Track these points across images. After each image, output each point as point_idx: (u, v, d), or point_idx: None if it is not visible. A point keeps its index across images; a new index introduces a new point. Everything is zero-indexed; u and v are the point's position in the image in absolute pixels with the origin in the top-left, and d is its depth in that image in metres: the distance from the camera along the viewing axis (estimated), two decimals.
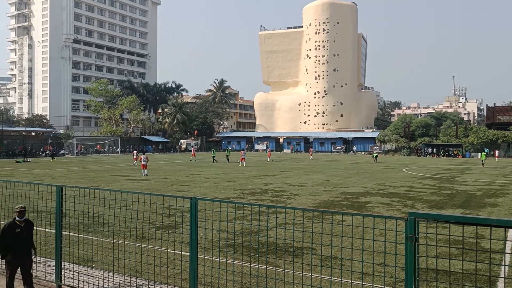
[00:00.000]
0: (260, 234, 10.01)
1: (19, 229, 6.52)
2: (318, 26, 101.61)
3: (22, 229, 6.54)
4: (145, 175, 28.64)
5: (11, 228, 6.49)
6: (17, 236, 6.51)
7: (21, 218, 6.58)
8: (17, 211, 6.58)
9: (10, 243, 6.45)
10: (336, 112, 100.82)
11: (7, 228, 6.47)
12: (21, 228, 6.54)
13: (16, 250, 6.50)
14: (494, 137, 68.87)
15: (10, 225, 6.51)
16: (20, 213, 6.57)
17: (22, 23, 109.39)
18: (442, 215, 4.41)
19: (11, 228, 6.48)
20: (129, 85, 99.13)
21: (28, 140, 64.15)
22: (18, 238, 6.51)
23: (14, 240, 6.47)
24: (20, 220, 6.56)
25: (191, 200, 5.78)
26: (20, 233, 6.52)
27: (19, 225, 6.54)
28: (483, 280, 7.36)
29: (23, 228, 6.55)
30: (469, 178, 28.97)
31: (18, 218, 6.56)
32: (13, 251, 6.49)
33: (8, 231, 6.46)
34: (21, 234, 6.52)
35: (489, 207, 15.91)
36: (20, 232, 6.51)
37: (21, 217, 6.58)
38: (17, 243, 6.49)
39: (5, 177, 26.68)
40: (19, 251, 6.53)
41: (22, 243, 6.56)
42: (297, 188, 21.75)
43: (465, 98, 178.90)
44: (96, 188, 7.98)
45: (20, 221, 6.56)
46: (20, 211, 6.57)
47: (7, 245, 6.45)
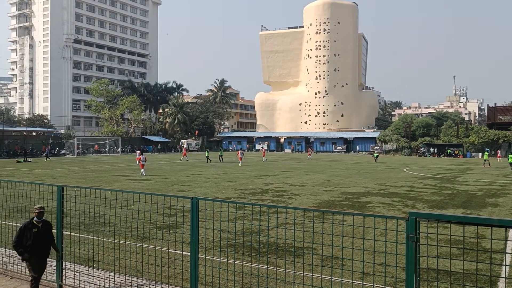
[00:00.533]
0: (261, 234, 10.01)
1: (36, 229, 6.41)
2: (319, 26, 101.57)
3: (40, 230, 6.43)
4: (141, 174, 28.81)
5: (29, 228, 6.37)
6: (35, 236, 6.38)
7: (40, 219, 6.48)
8: (36, 212, 6.47)
9: (29, 244, 6.33)
10: (336, 112, 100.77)
11: (24, 227, 6.38)
12: (39, 229, 6.43)
13: (37, 252, 6.37)
14: (495, 137, 68.79)
15: (27, 224, 6.40)
16: (39, 214, 6.48)
17: (23, 23, 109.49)
18: (442, 215, 4.41)
19: (28, 227, 6.37)
20: (130, 85, 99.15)
21: (29, 140, 64.19)
22: (36, 239, 6.38)
23: (32, 241, 6.35)
24: (38, 220, 6.47)
25: (192, 200, 5.78)
26: (38, 233, 6.40)
27: (37, 225, 6.44)
28: (484, 280, 7.35)
29: (41, 229, 6.44)
30: (470, 178, 28.94)
31: (36, 219, 6.45)
32: (35, 254, 6.35)
33: (26, 231, 6.35)
34: (38, 234, 6.40)
35: (490, 207, 15.90)
36: (37, 233, 6.40)
37: (39, 218, 6.49)
38: (35, 244, 6.37)
39: (6, 177, 26.70)
40: (39, 253, 6.40)
41: (41, 244, 6.43)
42: (298, 188, 21.74)
43: (466, 98, 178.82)
44: (97, 188, 7.99)
45: (38, 222, 6.46)
46: (39, 212, 6.48)
47: (26, 246, 6.32)
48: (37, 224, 6.44)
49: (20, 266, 7.82)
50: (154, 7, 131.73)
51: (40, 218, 6.49)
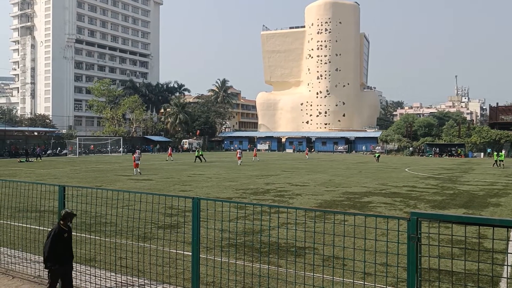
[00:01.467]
0: (262, 234, 10.01)
1: (66, 234, 6.23)
2: (320, 25, 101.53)
3: (68, 235, 6.28)
4: (136, 174, 28.95)
5: (60, 232, 6.15)
6: (65, 242, 6.21)
7: (68, 223, 6.29)
8: (69, 217, 6.25)
9: (60, 252, 6.13)
10: (338, 112, 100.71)
11: (57, 233, 6.13)
12: (67, 233, 6.26)
13: (61, 258, 6.18)
14: (497, 137, 68.66)
15: (59, 230, 6.15)
16: (71, 218, 6.30)
17: (25, 23, 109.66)
18: (444, 215, 4.41)
19: (60, 232, 6.15)
20: (131, 85, 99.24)
21: (31, 140, 64.29)
22: (65, 244, 6.23)
23: (62, 246, 6.18)
24: (65, 224, 6.28)
25: (193, 200, 5.78)
26: (67, 238, 6.24)
27: (66, 230, 6.25)
28: (486, 280, 7.34)
29: (68, 233, 6.28)
30: (471, 178, 28.90)
31: (62, 222, 6.24)
32: (58, 259, 6.17)
33: (58, 237, 6.12)
34: (67, 239, 6.25)
35: (491, 207, 15.87)
36: (67, 238, 6.24)
37: (70, 222, 6.31)
38: (63, 250, 6.21)
39: (8, 176, 26.75)
40: (63, 259, 6.22)
41: (68, 249, 6.28)
42: (299, 188, 21.73)
43: (468, 98, 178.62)
44: (98, 188, 7.99)
45: (65, 225, 6.29)
46: (71, 216, 6.29)
47: (58, 254, 6.12)
48: (65, 229, 6.24)
49: (21, 266, 7.83)
50: (156, 7, 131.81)
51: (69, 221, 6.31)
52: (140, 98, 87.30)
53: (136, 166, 29.66)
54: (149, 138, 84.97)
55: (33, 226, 9.86)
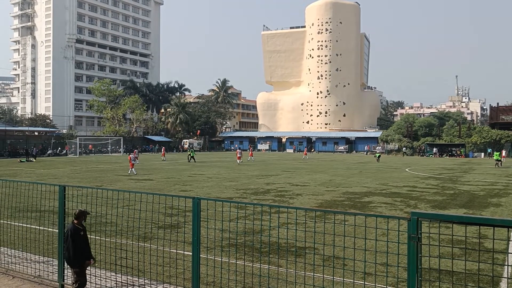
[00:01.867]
0: (262, 233, 10.01)
1: (82, 232, 6.16)
2: (321, 25, 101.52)
3: (84, 233, 6.21)
4: (130, 173, 29.22)
5: (77, 231, 6.09)
6: (83, 240, 6.15)
7: (82, 221, 6.21)
8: (83, 215, 6.21)
9: (80, 251, 6.05)
10: (338, 112, 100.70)
11: (73, 231, 6.06)
12: (83, 231, 6.20)
13: (81, 258, 6.13)
14: (497, 137, 68.63)
15: (75, 229, 6.08)
16: (85, 217, 6.26)
17: (25, 23, 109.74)
18: (444, 215, 4.40)
19: (76, 231, 6.08)
20: (131, 85, 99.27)
21: (32, 140, 64.31)
22: (83, 243, 6.16)
23: (80, 245, 6.11)
24: (78, 223, 6.19)
25: (193, 199, 5.78)
26: (83, 237, 6.20)
27: (81, 229, 6.16)
28: (486, 281, 7.33)
29: (84, 232, 6.21)
30: (472, 178, 28.88)
31: (76, 221, 6.15)
32: (87, 258, 6.14)
33: (76, 235, 6.06)
34: (84, 238, 6.21)
35: (492, 207, 15.86)
36: (83, 236, 6.19)
37: (84, 221, 6.24)
38: (82, 249, 6.14)
39: (9, 176, 26.76)
40: (83, 258, 6.16)
41: (86, 248, 6.24)
42: (300, 188, 21.73)
43: (468, 98, 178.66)
44: (99, 187, 7.99)
45: (79, 224, 6.19)
46: (85, 215, 6.24)
47: (80, 253, 6.06)
48: (81, 227, 6.17)
49: (22, 265, 7.83)
50: (156, 7, 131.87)
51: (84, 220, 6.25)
52: (140, 98, 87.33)
53: (132, 166, 30.01)
54: (150, 138, 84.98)
55: (33, 226, 9.86)
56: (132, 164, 30.03)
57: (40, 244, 8.38)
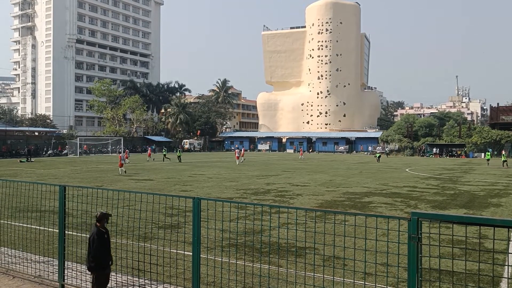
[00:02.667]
0: (263, 234, 10.01)
1: (106, 235, 5.99)
2: (321, 26, 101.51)
3: (107, 236, 6.04)
4: (121, 173, 29.57)
5: (102, 234, 5.92)
6: (108, 243, 6.03)
7: (105, 224, 6.06)
8: (105, 217, 6.05)
9: (104, 254, 5.94)
10: (339, 112, 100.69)
11: (99, 235, 5.89)
12: (107, 234, 6.05)
13: (106, 262, 6.00)
14: (497, 137, 68.63)
15: (99, 232, 5.92)
16: (107, 219, 6.09)
17: (26, 23, 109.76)
18: (445, 215, 4.40)
19: (101, 234, 5.92)
20: (132, 85, 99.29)
21: (32, 140, 64.31)
22: (107, 246, 6.01)
23: (105, 248, 5.95)
24: (101, 225, 6.04)
25: (193, 200, 5.78)
26: (107, 240, 6.04)
27: (104, 231, 6.01)
28: (486, 281, 7.34)
29: (107, 235, 6.04)
30: (472, 178, 28.88)
31: (99, 224, 6.00)
32: (103, 263, 5.97)
33: (102, 238, 5.89)
34: (108, 241, 6.04)
35: (492, 207, 15.85)
36: (107, 239, 6.03)
37: (106, 223, 6.09)
38: (106, 252, 6.00)
39: (9, 176, 26.76)
40: (107, 263, 6.02)
41: (109, 251, 6.10)
42: (300, 188, 21.73)
43: (469, 98, 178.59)
44: (99, 187, 7.99)
45: (102, 227, 6.04)
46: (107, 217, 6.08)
47: (104, 257, 5.93)
48: (104, 230, 6.03)
49: (22, 265, 7.83)
50: (157, 7, 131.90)
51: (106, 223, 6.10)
52: (140, 98, 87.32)
53: (121, 166, 30.35)
54: (150, 138, 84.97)
55: (33, 226, 9.87)
56: (121, 163, 30.41)
57: (40, 244, 8.38)
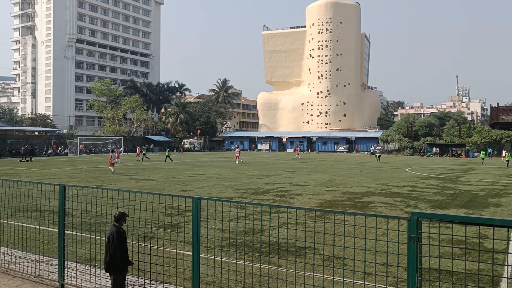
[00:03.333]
0: (262, 233, 10.01)
1: (124, 234, 5.93)
2: (321, 25, 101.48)
3: (125, 236, 5.96)
4: (113, 172, 29.98)
5: (121, 234, 5.83)
6: (125, 244, 5.96)
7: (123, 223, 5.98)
8: (124, 217, 5.96)
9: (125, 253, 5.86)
10: (339, 112, 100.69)
11: (118, 234, 5.81)
12: (125, 234, 5.97)
13: (124, 263, 5.93)
14: (497, 137, 68.60)
15: (119, 231, 5.83)
16: (125, 219, 6.00)
17: (26, 23, 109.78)
18: (444, 215, 4.40)
19: (121, 234, 5.83)
20: (132, 84, 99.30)
21: (32, 139, 64.29)
22: (125, 247, 5.95)
23: (124, 248, 5.88)
24: (120, 225, 5.94)
25: (193, 199, 5.78)
26: (126, 240, 5.98)
27: (123, 231, 5.94)
28: (486, 280, 7.33)
29: (124, 234, 5.97)
30: (472, 178, 28.87)
31: (117, 224, 5.90)
32: (122, 264, 5.90)
33: (121, 238, 5.81)
34: (125, 242, 5.98)
35: (492, 207, 15.85)
36: (125, 239, 5.97)
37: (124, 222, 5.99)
38: (125, 252, 5.93)
39: (9, 176, 26.76)
40: (125, 264, 5.98)
41: (127, 253, 6.00)
42: (300, 187, 21.73)
43: (469, 98, 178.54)
44: (99, 187, 8.00)
45: (121, 227, 5.94)
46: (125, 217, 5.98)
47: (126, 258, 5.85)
48: (122, 230, 5.96)
49: (22, 265, 7.83)
50: (157, 7, 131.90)
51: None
52: (141, 98, 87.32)
53: (112, 165, 30.66)
54: (150, 138, 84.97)
55: (33, 226, 9.87)
56: (112, 163, 30.73)
57: (40, 244, 8.38)
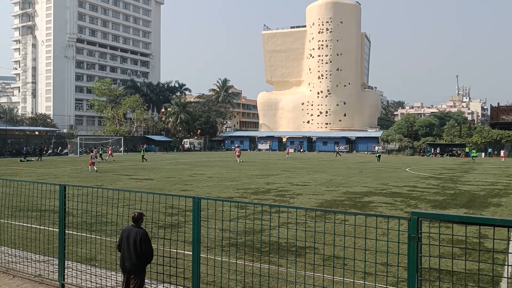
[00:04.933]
0: (263, 233, 10.01)
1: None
2: (322, 25, 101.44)
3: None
4: (91, 171, 30.64)
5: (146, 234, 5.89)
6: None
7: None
8: (142, 218, 5.96)
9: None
10: (339, 112, 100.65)
11: (146, 234, 5.87)
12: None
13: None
14: (498, 137, 68.58)
15: (145, 231, 5.89)
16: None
17: (26, 22, 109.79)
18: (445, 215, 4.40)
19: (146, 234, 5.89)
20: (132, 84, 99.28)
21: (32, 139, 64.31)
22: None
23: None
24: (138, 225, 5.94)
25: (194, 199, 5.78)
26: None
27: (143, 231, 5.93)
28: (486, 280, 7.34)
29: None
30: (472, 178, 28.87)
31: (135, 224, 5.91)
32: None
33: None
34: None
35: (492, 207, 15.85)
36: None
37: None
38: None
39: (9, 176, 26.77)
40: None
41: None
42: (300, 187, 21.73)
43: (469, 98, 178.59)
44: (99, 187, 8.00)
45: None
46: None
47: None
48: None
49: (22, 265, 7.84)
50: (157, 6, 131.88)
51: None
52: (141, 98, 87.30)
53: (92, 164, 31.30)
54: (150, 137, 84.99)
55: (34, 226, 9.87)
56: (92, 162, 31.31)
57: (40, 244, 8.38)
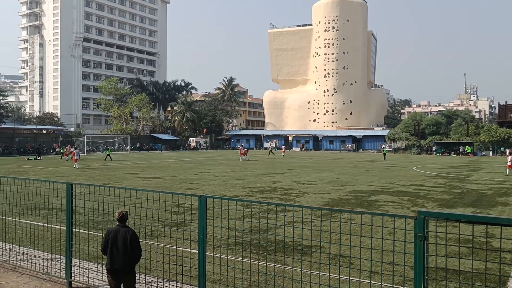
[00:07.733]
0: (268, 232, 10.01)
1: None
2: (328, 24, 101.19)
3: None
4: (76, 167, 32.40)
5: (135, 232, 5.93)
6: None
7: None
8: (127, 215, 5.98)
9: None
10: (345, 110, 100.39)
11: (135, 233, 5.92)
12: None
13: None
14: (505, 136, 68.07)
15: (133, 230, 5.92)
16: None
17: (34, 22, 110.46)
18: (451, 214, 4.38)
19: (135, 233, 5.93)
20: (138, 83, 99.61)
21: (40, 138, 64.75)
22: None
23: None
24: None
25: (199, 198, 5.79)
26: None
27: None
28: (494, 280, 7.29)
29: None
30: (480, 176, 28.68)
31: (122, 223, 5.91)
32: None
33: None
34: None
35: (500, 206, 15.75)
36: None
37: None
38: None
39: (17, 174, 26.98)
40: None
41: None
42: (306, 186, 21.71)
43: (477, 96, 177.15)
44: (106, 185, 8.04)
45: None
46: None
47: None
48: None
49: (30, 262, 7.90)
50: (163, 5, 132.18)
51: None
52: (147, 97, 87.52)
53: (76, 161, 33.60)
54: (157, 136, 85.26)
55: (41, 224, 9.94)
56: (75, 159, 33.65)
57: (48, 242, 8.44)
